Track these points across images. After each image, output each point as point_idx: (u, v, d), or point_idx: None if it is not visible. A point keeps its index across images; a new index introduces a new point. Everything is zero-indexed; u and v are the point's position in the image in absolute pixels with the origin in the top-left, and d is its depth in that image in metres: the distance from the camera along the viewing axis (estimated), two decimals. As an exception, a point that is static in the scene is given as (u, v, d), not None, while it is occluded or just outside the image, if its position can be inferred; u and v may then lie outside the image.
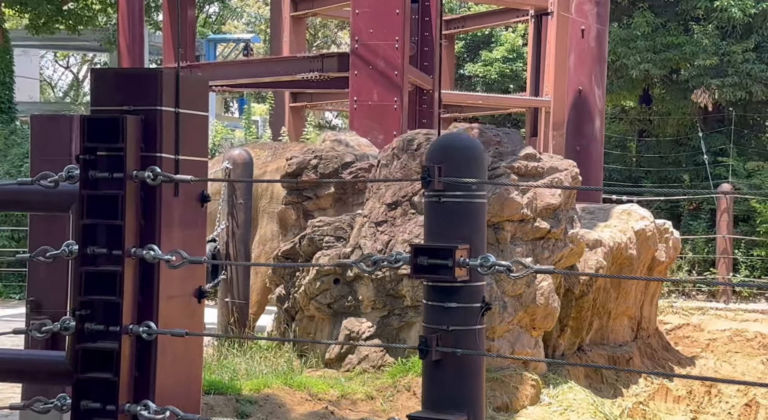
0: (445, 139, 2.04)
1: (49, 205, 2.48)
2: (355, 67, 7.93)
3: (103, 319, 2.21)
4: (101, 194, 2.22)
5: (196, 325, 2.37)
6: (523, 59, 30.46)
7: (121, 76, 2.32)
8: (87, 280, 2.22)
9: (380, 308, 5.19)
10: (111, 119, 2.21)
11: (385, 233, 5.16)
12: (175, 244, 2.26)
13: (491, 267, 1.87)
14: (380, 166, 5.48)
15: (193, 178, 2.24)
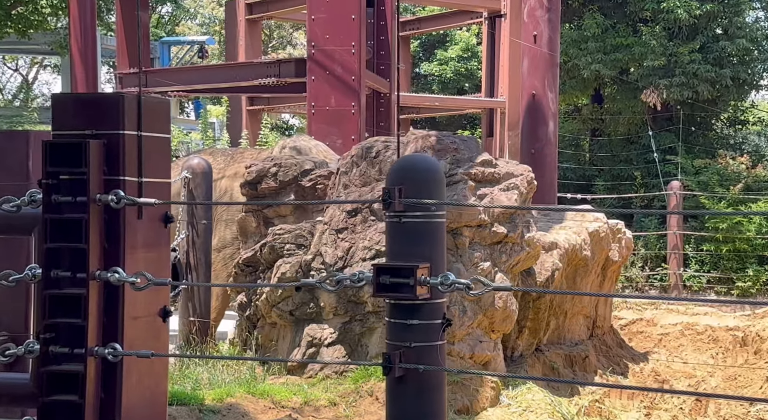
0: (405, 162, 2.11)
1: (12, 229, 2.48)
2: (312, 72, 7.97)
3: (67, 341, 2.23)
4: (65, 218, 2.23)
5: (162, 345, 2.39)
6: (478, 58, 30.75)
7: (83, 101, 2.34)
8: (51, 303, 2.23)
9: (342, 314, 5.25)
10: (73, 144, 2.22)
11: (345, 240, 5.22)
12: (140, 265, 2.28)
13: (451, 285, 1.95)
14: (339, 173, 5.53)
15: (156, 202, 2.27)
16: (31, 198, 2.28)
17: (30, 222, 2.36)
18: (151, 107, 2.34)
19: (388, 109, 9.61)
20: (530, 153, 7.27)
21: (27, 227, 2.38)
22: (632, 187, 14.76)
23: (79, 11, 11.75)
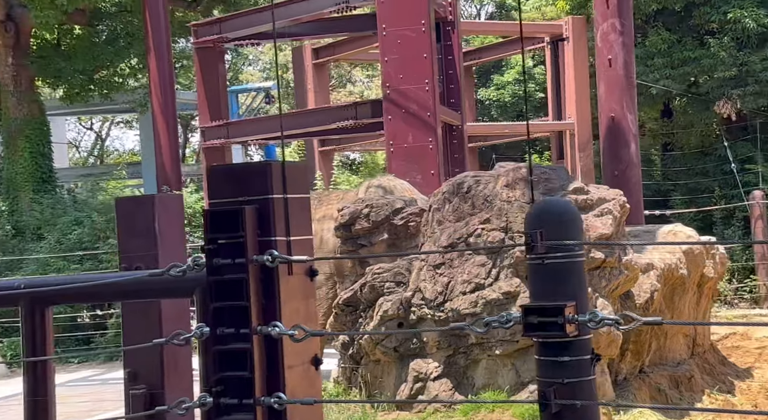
0: (543, 207, 2.25)
1: (175, 291, 2.71)
2: (389, 112, 8.21)
3: (236, 393, 2.42)
4: (226, 279, 2.44)
5: (316, 391, 2.56)
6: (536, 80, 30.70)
7: (235, 171, 2.56)
8: (220, 358, 2.43)
9: (445, 348, 5.37)
10: (231, 211, 2.44)
11: (444, 275, 5.35)
12: (294, 318, 2.47)
13: (600, 321, 2.06)
14: (432, 210, 5.69)
15: (308, 258, 2.46)
16: (195, 262, 2.50)
17: (191, 284, 2.57)
18: (292, 171, 2.55)
19: (461, 141, 9.76)
20: (613, 175, 7.29)
21: (189, 289, 2.60)
22: (711, 200, 14.48)
23: (158, 71, 12.37)
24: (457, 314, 5.19)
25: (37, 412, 2.71)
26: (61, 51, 14.11)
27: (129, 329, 3.81)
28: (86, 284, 2.69)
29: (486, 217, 5.15)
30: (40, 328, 2.73)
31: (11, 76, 13.73)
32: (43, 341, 2.75)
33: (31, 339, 2.71)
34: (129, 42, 13.84)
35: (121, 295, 2.75)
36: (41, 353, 2.74)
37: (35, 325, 2.72)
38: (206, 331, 2.48)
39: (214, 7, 14.52)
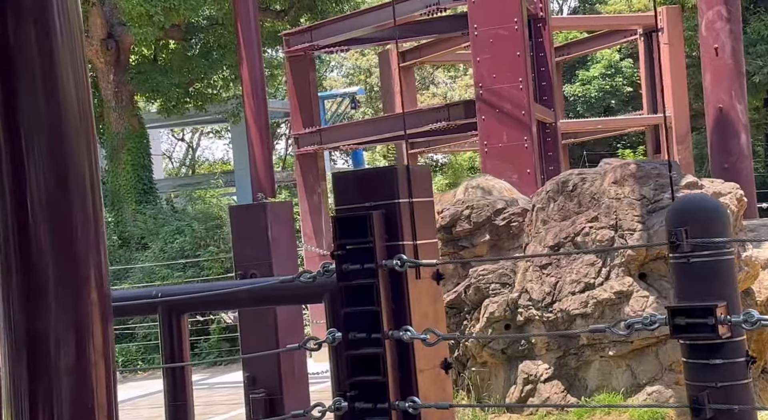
0: (685, 203, 2.17)
1: (305, 297, 2.76)
2: (482, 112, 8.13)
3: (370, 397, 2.43)
4: (357, 284, 2.46)
5: (447, 395, 2.55)
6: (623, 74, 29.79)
7: (360, 177, 2.58)
8: (353, 362, 2.46)
9: (555, 349, 5.26)
10: (359, 217, 2.46)
11: (551, 275, 5.25)
12: (424, 322, 2.47)
13: (756, 322, 1.96)
14: (536, 209, 5.60)
15: (437, 261, 2.46)
16: (324, 269, 2.53)
17: (320, 290, 2.61)
18: (416, 175, 2.55)
19: (555, 139, 9.58)
20: (723, 168, 6.99)
21: (318, 295, 2.64)
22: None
23: (250, 80, 12.69)
24: (566, 315, 5.08)
25: (177, 415, 2.81)
26: (157, 66, 14.69)
27: (246, 335, 3.90)
28: (219, 292, 2.77)
29: (594, 215, 5.03)
30: (177, 334, 2.83)
31: (113, 92, 14.37)
32: (180, 347, 2.84)
33: (169, 345, 2.81)
34: (222, 54, 14.27)
35: (253, 301, 2.82)
36: (179, 359, 2.84)
37: (172, 331, 2.82)
38: (338, 336, 2.51)
39: (301, 16, 14.80)
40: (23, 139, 1.91)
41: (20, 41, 1.89)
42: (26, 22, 1.91)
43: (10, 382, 2.05)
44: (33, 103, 1.89)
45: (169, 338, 2.84)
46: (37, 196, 1.95)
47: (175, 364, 2.81)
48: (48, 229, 1.99)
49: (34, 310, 2.08)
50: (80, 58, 1.99)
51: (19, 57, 1.88)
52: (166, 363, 2.82)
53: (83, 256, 2.14)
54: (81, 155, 1.96)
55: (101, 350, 2.15)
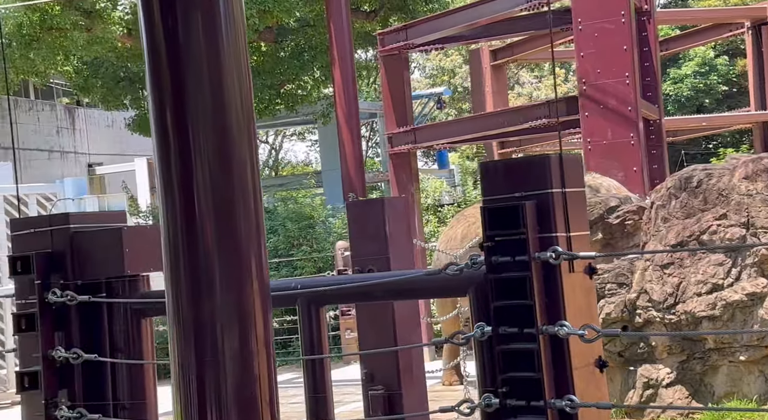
0: None
1: (448, 290, 2.69)
2: (586, 108, 7.90)
3: (523, 394, 2.34)
4: (507, 277, 2.37)
5: (603, 395, 2.43)
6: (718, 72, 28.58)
7: (511, 166, 2.50)
8: (504, 358, 2.37)
9: (678, 353, 5.03)
10: (510, 207, 2.37)
11: (673, 276, 5.02)
12: (578, 317, 2.35)
13: None
14: (655, 207, 5.37)
15: (596, 254, 2.34)
16: (472, 261, 2.45)
17: (466, 283, 2.53)
18: (569, 164, 2.44)
19: (659, 136, 9.22)
20: None
21: (463, 288, 2.56)
22: None
23: (342, 81, 12.77)
24: (691, 317, 4.84)
25: (318, 408, 2.78)
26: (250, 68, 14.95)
27: (363, 331, 3.86)
28: (359, 284, 2.73)
29: (722, 213, 4.78)
30: (316, 326, 2.80)
31: (207, 94, 14.71)
32: (320, 339, 2.82)
33: (308, 337, 2.79)
34: (313, 55, 14.42)
35: (393, 294, 2.76)
36: (318, 351, 2.81)
37: (312, 324, 2.80)
38: (487, 330, 2.42)
39: (391, 17, 14.81)
40: (191, 134, 1.93)
41: (188, 36, 1.92)
42: (194, 16, 1.93)
43: (179, 368, 2.06)
44: (200, 98, 1.92)
45: (309, 330, 2.82)
46: (203, 189, 1.96)
47: (314, 355, 2.79)
48: (213, 222, 2.00)
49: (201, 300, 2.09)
50: (244, 53, 2.01)
51: (187, 52, 1.91)
52: (305, 355, 2.80)
53: (245, 247, 2.14)
54: (243, 149, 1.97)
55: (263, 339, 2.14)
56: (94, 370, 2.90)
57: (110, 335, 2.95)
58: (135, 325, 2.98)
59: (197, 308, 2.05)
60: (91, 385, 2.89)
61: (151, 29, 1.99)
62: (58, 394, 2.86)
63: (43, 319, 2.83)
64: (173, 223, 2.01)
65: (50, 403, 2.82)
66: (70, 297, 2.84)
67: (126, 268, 2.92)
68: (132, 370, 2.96)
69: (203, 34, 1.88)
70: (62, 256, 2.90)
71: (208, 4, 1.87)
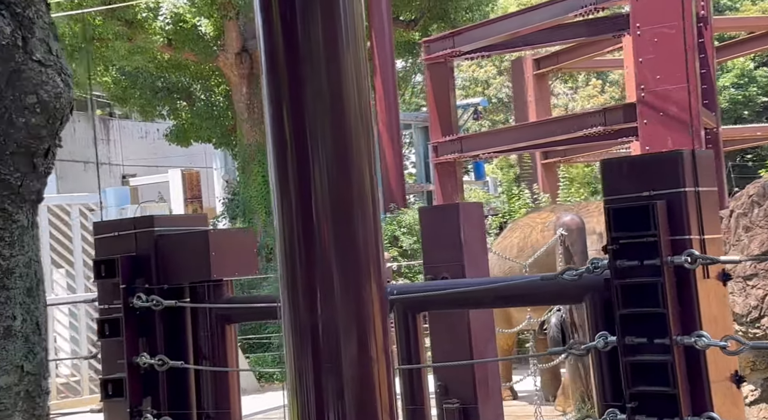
0: None
1: (564, 297, 2.51)
2: (644, 115, 7.69)
3: (655, 410, 2.15)
4: (636, 283, 2.19)
5: (740, 412, 2.24)
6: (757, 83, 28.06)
7: (637, 163, 2.32)
8: (632, 371, 2.19)
9: (762, 369, 4.77)
10: (639, 207, 2.20)
11: (758, 288, 4.77)
12: (713, 327, 2.17)
13: None
14: (735, 215, 5.13)
15: (741, 258, 2.17)
16: (594, 265, 2.27)
17: (581, 290, 2.36)
18: (702, 161, 2.26)
19: (716, 145, 8.96)
20: None
21: (579, 294, 2.39)
22: None
23: (383, 91, 12.68)
24: (775, 332, 4.59)
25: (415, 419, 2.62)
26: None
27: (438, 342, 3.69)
28: (461, 290, 2.57)
29: (810, 222, 4.54)
30: (413, 334, 2.65)
31: (245, 104, 14.72)
32: (417, 348, 2.66)
33: (405, 345, 2.63)
34: (352, 65, 14.30)
35: (501, 300, 2.60)
36: (415, 360, 2.66)
37: (408, 331, 2.64)
38: (611, 340, 2.24)
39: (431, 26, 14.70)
40: (308, 138, 1.86)
41: (307, 40, 1.86)
42: (315, 24, 1.85)
43: (295, 374, 1.92)
44: (320, 104, 1.85)
45: (405, 338, 2.67)
46: (321, 193, 1.88)
47: (411, 365, 2.63)
48: (331, 225, 1.90)
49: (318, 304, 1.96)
50: (362, 60, 1.93)
51: (308, 58, 1.85)
52: (402, 364, 2.64)
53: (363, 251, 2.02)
54: (361, 154, 1.88)
55: (381, 346, 2.00)
56: (178, 377, 2.76)
57: (194, 341, 2.81)
58: (219, 331, 2.85)
59: (314, 314, 1.92)
60: (175, 392, 2.76)
61: (269, 33, 1.88)
62: (142, 401, 2.73)
63: (127, 324, 2.71)
64: (289, 228, 1.90)
65: (135, 412, 2.68)
66: (155, 302, 2.72)
67: (212, 273, 2.79)
68: (217, 377, 2.82)
69: (323, 38, 1.82)
70: (146, 259, 2.78)
71: (329, 10, 1.77)
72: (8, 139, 1.25)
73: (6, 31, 1.25)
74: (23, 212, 1.31)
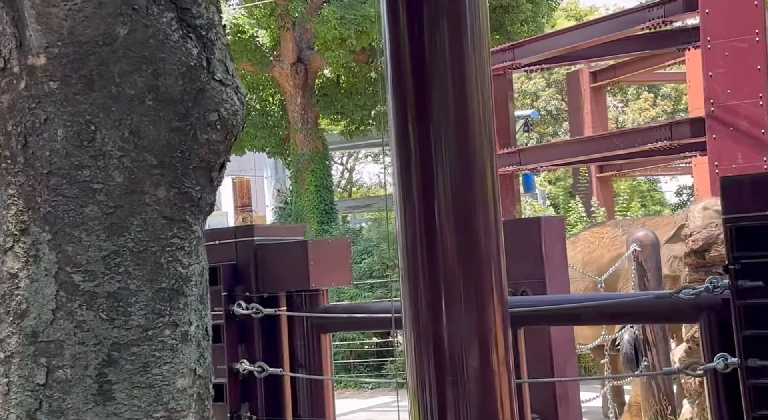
0: None
1: (676, 316, 2.47)
2: (713, 130, 7.55)
3: (781, 435, 2.10)
4: (759, 304, 2.14)
5: None
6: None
7: (760, 181, 2.28)
8: (755, 394, 2.13)
9: None
10: (761, 226, 2.15)
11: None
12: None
13: None
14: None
15: None
16: (713, 285, 2.23)
17: (697, 309, 2.30)
18: (827, 179, 2.20)
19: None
20: None
21: (693, 314, 2.34)
22: None
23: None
24: None
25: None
26: (341, 88, 15.04)
27: (517, 356, 3.65)
28: (566, 306, 2.54)
29: None
30: (513, 349, 2.62)
31: (300, 114, 14.86)
32: (517, 364, 2.63)
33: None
34: (404, 77, 14.38)
35: (607, 317, 2.56)
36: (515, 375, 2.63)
37: (512, 346, 2.62)
38: (732, 361, 2.19)
39: (485, 38, 14.66)
40: (432, 144, 1.86)
41: (433, 47, 1.86)
42: (440, 26, 1.85)
43: (417, 386, 1.92)
44: (443, 110, 1.86)
45: (507, 354, 2.63)
46: (444, 200, 1.87)
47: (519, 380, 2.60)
48: (454, 234, 1.89)
49: (441, 313, 1.94)
50: (487, 64, 1.92)
51: (433, 63, 1.86)
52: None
53: (486, 261, 2.00)
54: (484, 161, 1.87)
55: (503, 358, 1.98)
56: (274, 383, 2.79)
57: (290, 349, 2.83)
58: (315, 340, 2.87)
59: (437, 325, 1.91)
60: (272, 399, 2.78)
61: (395, 36, 1.89)
62: (241, 406, 2.75)
63: (228, 331, 2.74)
64: (412, 237, 1.90)
65: (234, 416, 2.71)
66: (255, 309, 2.74)
67: (310, 282, 2.80)
68: (312, 385, 2.83)
69: (449, 47, 1.82)
70: (246, 267, 2.82)
71: (455, 15, 1.81)
72: (192, 154, 1.29)
73: (193, 52, 1.29)
74: (199, 223, 1.34)
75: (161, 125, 1.26)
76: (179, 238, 1.29)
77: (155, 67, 1.24)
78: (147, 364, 1.25)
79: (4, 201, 1.28)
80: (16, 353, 1.24)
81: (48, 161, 1.24)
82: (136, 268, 1.25)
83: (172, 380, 1.28)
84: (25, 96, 1.25)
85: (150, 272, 1.27)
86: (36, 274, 1.24)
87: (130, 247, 1.25)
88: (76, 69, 1.22)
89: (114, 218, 1.24)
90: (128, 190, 1.24)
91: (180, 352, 1.29)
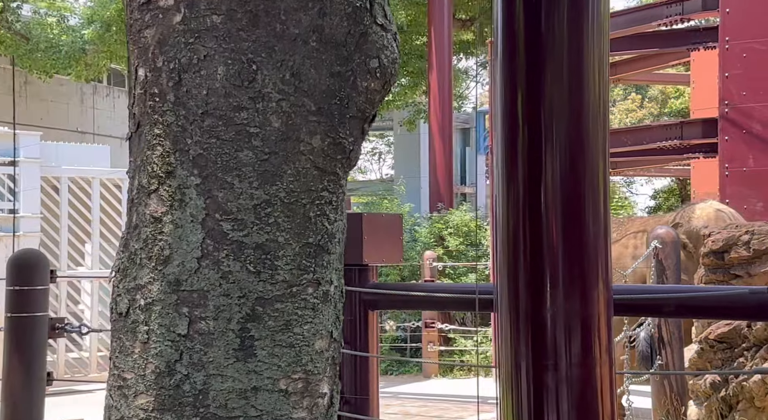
0: None
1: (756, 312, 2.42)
2: (726, 132, 7.55)
3: None
4: None
5: None
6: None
7: None
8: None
9: None
10: None
11: None
12: None
13: None
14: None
15: None
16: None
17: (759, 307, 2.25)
18: None
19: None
20: None
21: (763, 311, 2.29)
22: None
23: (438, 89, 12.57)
24: None
25: None
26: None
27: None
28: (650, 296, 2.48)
29: None
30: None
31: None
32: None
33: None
34: (404, 61, 14.29)
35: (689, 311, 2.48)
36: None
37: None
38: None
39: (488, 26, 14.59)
40: (543, 127, 1.78)
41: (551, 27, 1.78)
42: (559, 5, 1.77)
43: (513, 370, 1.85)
44: (557, 93, 1.77)
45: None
46: (551, 183, 1.80)
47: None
48: (559, 218, 1.82)
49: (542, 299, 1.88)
50: (605, 47, 1.84)
51: (549, 42, 1.77)
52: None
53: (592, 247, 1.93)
54: (597, 147, 1.80)
55: (605, 347, 1.91)
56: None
57: (338, 326, 2.75)
58: (363, 316, 2.79)
59: (538, 307, 1.84)
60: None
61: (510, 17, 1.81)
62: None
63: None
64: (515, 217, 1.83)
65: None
66: (308, 282, 2.65)
67: (364, 258, 2.72)
68: (358, 363, 2.76)
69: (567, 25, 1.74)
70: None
71: None
72: (351, 102, 1.21)
73: None
74: (346, 178, 1.26)
75: (322, 69, 1.17)
76: (328, 191, 1.21)
77: (321, 6, 1.15)
78: (289, 322, 1.18)
79: (149, 141, 1.18)
80: (157, 301, 1.15)
81: (204, 101, 1.14)
82: (285, 219, 1.17)
83: (311, 341, 1.22)
84: (181, 30, 1.15)
85: (298, 225, 1.19)
86: (181, 220, 1.15)
87: (281, 198, 1.16)
88: (243, 3, 1.13)
89: (268, 165, 1.15)
90: (284, 137, 1.16)
91: (320, 312, 1.22)
